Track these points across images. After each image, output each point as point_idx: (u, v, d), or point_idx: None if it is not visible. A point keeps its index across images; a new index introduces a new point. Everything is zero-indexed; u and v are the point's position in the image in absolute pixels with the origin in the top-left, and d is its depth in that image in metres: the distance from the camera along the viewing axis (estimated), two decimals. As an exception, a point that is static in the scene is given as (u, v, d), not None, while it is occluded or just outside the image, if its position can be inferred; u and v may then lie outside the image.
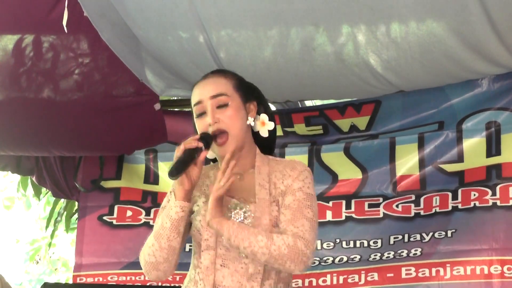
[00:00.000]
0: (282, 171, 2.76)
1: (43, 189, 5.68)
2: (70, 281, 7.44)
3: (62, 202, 5.61)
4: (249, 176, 2.78)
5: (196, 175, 2.66)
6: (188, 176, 2.67)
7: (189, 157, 2.66)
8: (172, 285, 4.81)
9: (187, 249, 4.86)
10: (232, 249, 2.65)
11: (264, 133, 2.82)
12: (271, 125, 2.82)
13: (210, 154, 2.79)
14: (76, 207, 5.45)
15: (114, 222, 5.04)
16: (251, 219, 2.68)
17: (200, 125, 2.76)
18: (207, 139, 2.71)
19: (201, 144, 2.67)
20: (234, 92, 2.77)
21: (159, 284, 4.88)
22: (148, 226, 4.96)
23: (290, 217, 2.66)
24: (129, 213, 5.04)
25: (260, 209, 2.67)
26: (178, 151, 2.65)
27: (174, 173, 2.63)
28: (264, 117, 2.82)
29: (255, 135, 2.85)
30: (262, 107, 2.85)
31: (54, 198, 5.63)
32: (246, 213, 2.69)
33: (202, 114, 2.76)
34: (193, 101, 2.80)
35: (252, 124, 2.79)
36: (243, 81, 2.85)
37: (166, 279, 2.85)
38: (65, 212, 5.63)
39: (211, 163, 2.91)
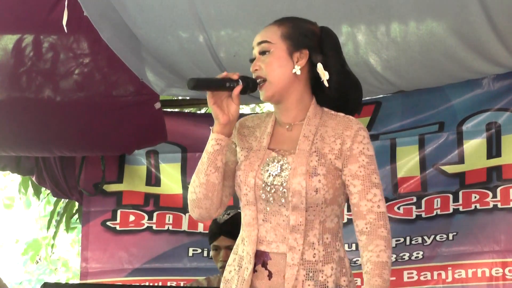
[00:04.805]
0: (335, 129, 2.67)
1: (44, 189, 5.67)
2: (71, 282, 7.49)
3: (62, 202, 5.59)
4: (297, 127, 2.72)
5: (234, 110, 2.62)
6: (223, 109, 2.63)
7: (221, 82, 2.62)
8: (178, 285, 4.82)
9: (190, 253, 4.93)
10: (273, 202, 2.61)
11: (325, 83, 2.70)
12: (325, 75, 2.69)
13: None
14: (76, 207, 5.44)
15: (117, 227, 5.01)
16: (288, 171, 2.62)
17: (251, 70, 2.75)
18: (248, 80, 2.67)
19: (236, 77, 2.62)
20: (280, 41, 2.69)
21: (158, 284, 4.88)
22: (151, 230, 4.94)
23: (361, 188, 2.61)
24: (131, 217, 5.01)
25: (297, 159, 2.61)
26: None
27: (193, 81, 2.57)
28: (319, 67, 2.70)
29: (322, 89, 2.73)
30: (320, 56, 2.72)
31: (55, 199, 5.62)
32: (283, 166, 2.62)
33: (253, 60, 2.74)
34: None
35: (298, 73, 2.68)
36: (299, 29, 2.74)
37: (210, 218, 2.72)
38: (65, 213, 5.61)
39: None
